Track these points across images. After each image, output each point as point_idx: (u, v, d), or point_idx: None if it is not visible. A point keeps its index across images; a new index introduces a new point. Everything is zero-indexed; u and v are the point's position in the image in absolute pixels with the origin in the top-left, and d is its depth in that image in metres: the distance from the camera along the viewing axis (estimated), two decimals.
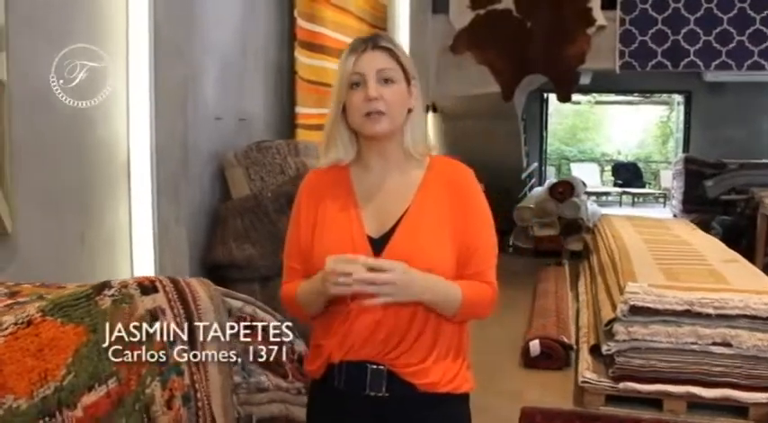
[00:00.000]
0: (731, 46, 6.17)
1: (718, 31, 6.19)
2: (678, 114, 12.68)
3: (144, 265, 2.54)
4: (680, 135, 11.64)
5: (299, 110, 3.59)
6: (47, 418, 0.99)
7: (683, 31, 6.23)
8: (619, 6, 6.33)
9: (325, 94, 3.97)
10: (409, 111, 1.43)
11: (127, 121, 2.45)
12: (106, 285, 1.22)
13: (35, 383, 0.99)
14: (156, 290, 1.33)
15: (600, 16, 6.32)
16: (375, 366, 1.37)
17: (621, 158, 15.72)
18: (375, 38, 1.42)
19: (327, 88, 3.99)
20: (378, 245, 1.37)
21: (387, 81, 1.38)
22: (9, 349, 0.96)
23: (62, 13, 2.10)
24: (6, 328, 0.97)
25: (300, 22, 3.58)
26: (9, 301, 1.20)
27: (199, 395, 1.35)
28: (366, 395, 1.37)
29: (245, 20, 3.20)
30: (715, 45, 6.21)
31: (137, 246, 2.55)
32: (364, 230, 1.39)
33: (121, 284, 1.24)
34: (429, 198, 1.41)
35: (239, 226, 2.73)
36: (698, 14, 6.21)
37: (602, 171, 15.03)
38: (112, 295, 1.20)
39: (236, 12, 3.14)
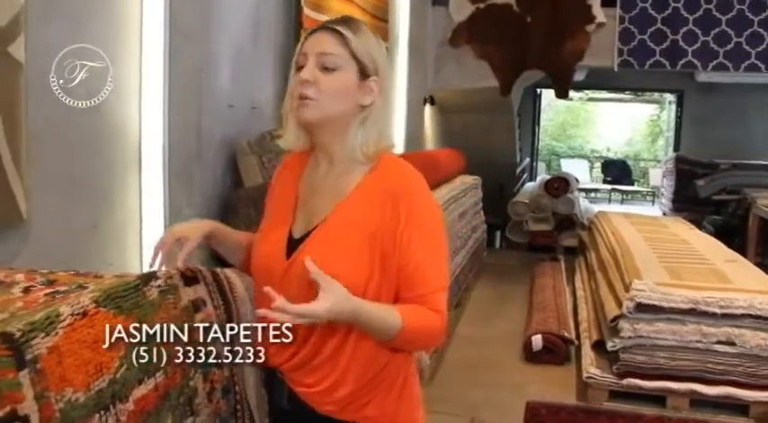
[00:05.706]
0: (729, 47, 6.22)
1: (716, 31, 6.22)
2: (669, 113, 12.77)
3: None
4: (670, 134, 11.71)
5: None
6: (102, 412, 0.97)
7: (682, 31, 6.26)
8: (619, 4, 6.34)
9: None
10: (363, 108, 1.25)
11: (139, 107, 2.42)
12: (152, 276, 1.20)
13: (91, 376, 0.97)
14: (197, 281, 1.31)
15: (600, 13, 6.31)
16: (281, 375, 1.27)
17: (611, 156, 15.85)
18: (335, 20, 1.26)
19: None
20: (295, 246, 1.25)
21: (327, 69, 1.21)
22: (68, 341, 0.94)
23: None
24: (65, 320, 0.95)
25: (307, 11, 3.55)
26: (49, 290, 1.17)
27: (237, 388, 1.33)
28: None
29: (257, 7, 3.17)
30: (713, 46, 6.25)
31: (147, 233, 2.52)
32: (287, 229, 1.28)
33: (167, 275, 1.22)
34: (359, 203, 1.24)
35: (252, 214, 2.69)
36: (697, 15, 6.24)
37: (592, 168, 15.17)
38: (159, 286, 1.18)
39: None
